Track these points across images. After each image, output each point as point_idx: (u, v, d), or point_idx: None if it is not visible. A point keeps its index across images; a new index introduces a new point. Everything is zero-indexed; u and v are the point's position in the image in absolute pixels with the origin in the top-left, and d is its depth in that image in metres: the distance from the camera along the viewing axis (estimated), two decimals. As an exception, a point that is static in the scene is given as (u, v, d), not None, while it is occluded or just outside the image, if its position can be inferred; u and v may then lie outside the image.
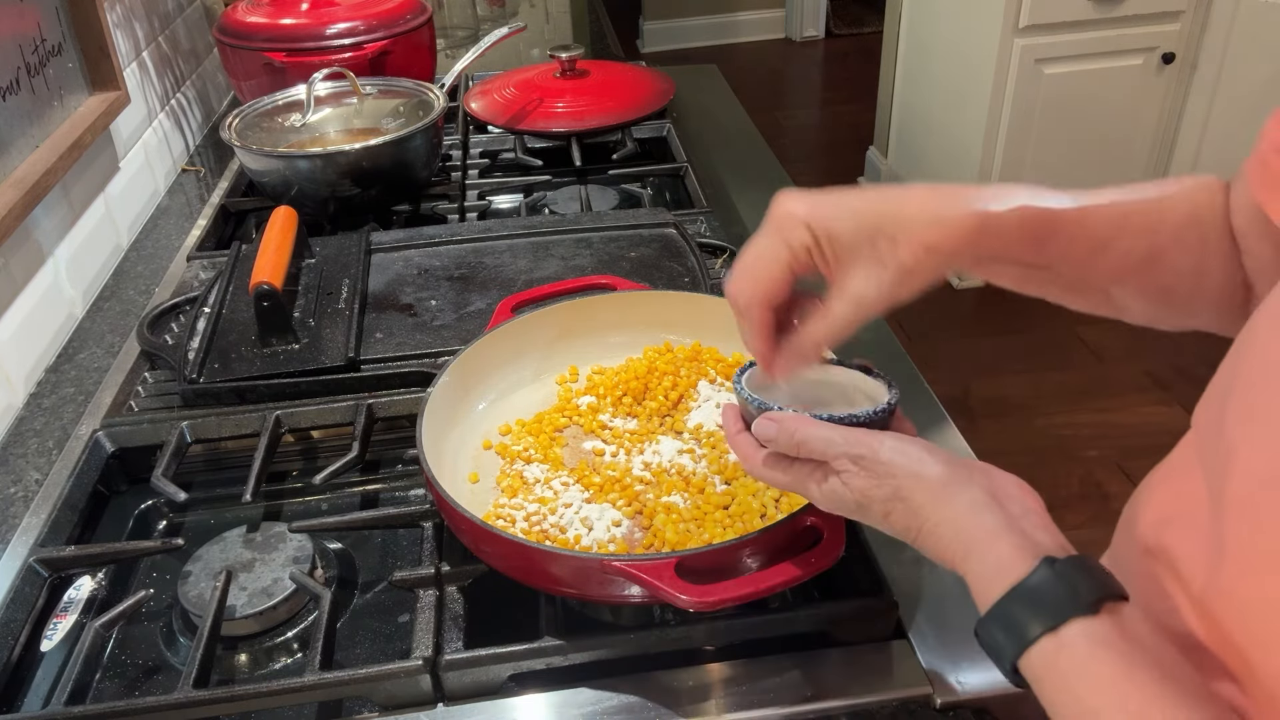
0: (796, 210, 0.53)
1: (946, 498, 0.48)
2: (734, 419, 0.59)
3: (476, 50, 1.34)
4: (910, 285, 0.51)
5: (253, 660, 0.69)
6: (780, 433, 0.53)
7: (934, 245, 0.50)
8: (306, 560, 0.72)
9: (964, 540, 0.47)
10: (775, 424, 0.54)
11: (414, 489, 0.83)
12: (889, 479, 0.50)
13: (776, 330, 0.56)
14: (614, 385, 0.81)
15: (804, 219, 0.53)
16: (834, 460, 0.52)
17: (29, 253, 0.99)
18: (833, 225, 0.52)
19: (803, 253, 0.53)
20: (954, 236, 0.50)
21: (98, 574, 0.75)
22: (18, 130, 0.97)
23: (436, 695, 0.63)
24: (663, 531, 0.67)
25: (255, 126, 1.21)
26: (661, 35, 4.63)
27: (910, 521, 0.50)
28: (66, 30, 1.08)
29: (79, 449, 0.83)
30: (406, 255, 1.07)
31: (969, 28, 2.57)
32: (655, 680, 0.63)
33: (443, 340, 0.92)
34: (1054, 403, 2.36)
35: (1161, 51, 2.46)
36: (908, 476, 0.49)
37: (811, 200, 0.53)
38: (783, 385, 0.59)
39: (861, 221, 0.51)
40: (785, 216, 0.54)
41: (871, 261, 0.51)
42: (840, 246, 0.52)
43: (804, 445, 0.53)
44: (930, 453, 0.50)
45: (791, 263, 0.53)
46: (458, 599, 0.68)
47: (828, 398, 0.60)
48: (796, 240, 0.53)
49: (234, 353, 0.90)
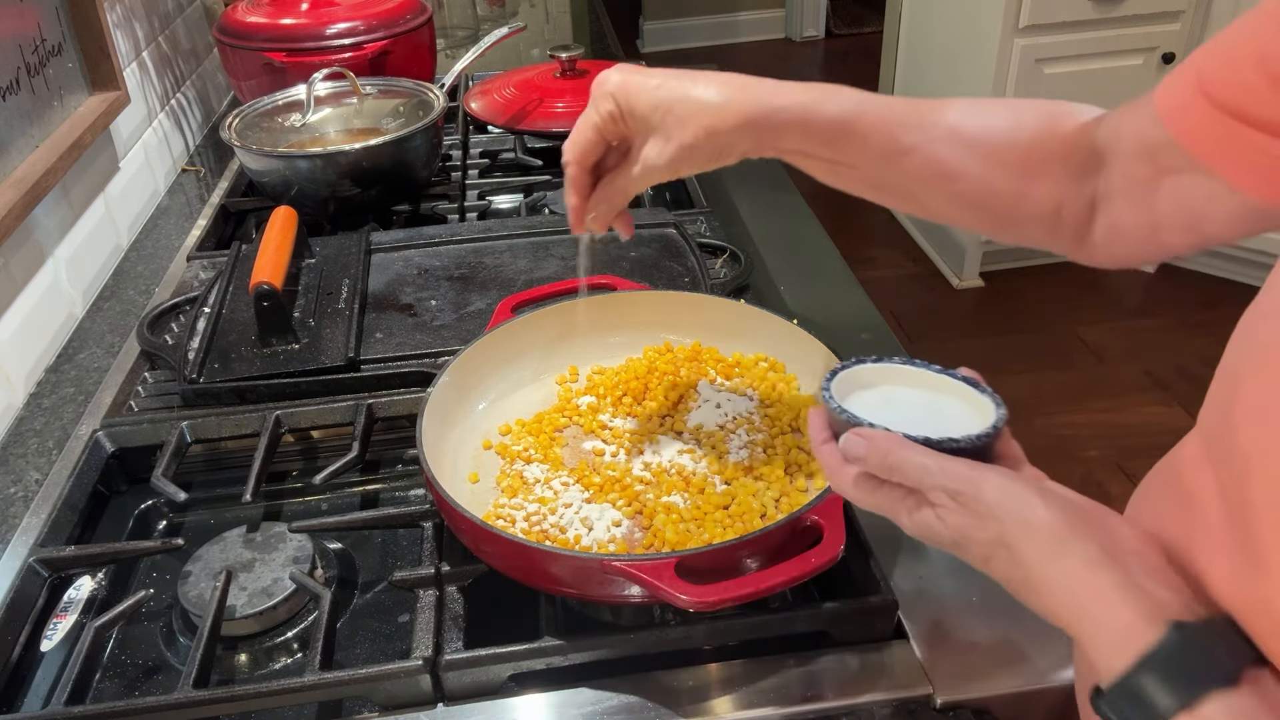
0: (610, 82, 0.61)
1: (1058, 553, 0.43)
2: (820, 426, 0.54)
3: (476, 50, 1.34)
4: (692, 160, 0.59)
5: (253, 660, 0.69)
6: (871, 452, 0.49)
7: (713, 128, 0.58)
8: (306, 560, 0.72)
9: (1079, 602, 0.42)
10: (866, 442, 0.50)
11: (414, 489, 0.83)
12: (992, 522, 0.46)
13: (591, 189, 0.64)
14: (614, 385, 0.81)
15: (611, 91, 0.60)
16: (930, 492, 0.48)
17: (29, 253, 0.99)
18: (633, 99, 0.59)
19: (609, 120, 0.61)
20: (731, 124, 0.57)
21: (98, 574, 0.75)
22: (18, 130, 0.97)
23: (436, 695, 0.63)
24: (663, 531, 0.67)
25: (255, 126, 1.21)
26: (661, 35, 4.63)
27: (1014, 572, 0.46)
28: (66, 30, 1.08)
29: (79, 449, 0.83)
30: (406, 255, 1.07)
31: (969, 28, 2.57)
32: (655, 680, 0.63)
33: (443, 340, 0.92)
34: (1054, 403, 2.36)
35: (1161, 51, 2.46)
36: (1014, 523, 0.45)
37: (624, 75, 0.61)
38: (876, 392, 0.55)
39: (657, 98, 0.59)
40: (599, 86, 0.61)
41: (661, 135, 0.59)
42: (636, 118, 0.60)
43: (897, 470, 0.49)
44: (1041, 495, 0.46)
45: (600, 126, 0.61)
46: (458, 599, 0.68)
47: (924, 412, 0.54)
48: (604, 109, 0.61)
49: (234, 353, 0.90)
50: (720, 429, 0.77)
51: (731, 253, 1.05)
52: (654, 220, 1.10)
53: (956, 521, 0.47)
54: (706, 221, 1.13)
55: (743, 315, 0.84)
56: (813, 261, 1.08)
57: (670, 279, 0.99)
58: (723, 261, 1.05)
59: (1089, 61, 2.46)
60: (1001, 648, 0.64)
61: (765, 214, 1.19)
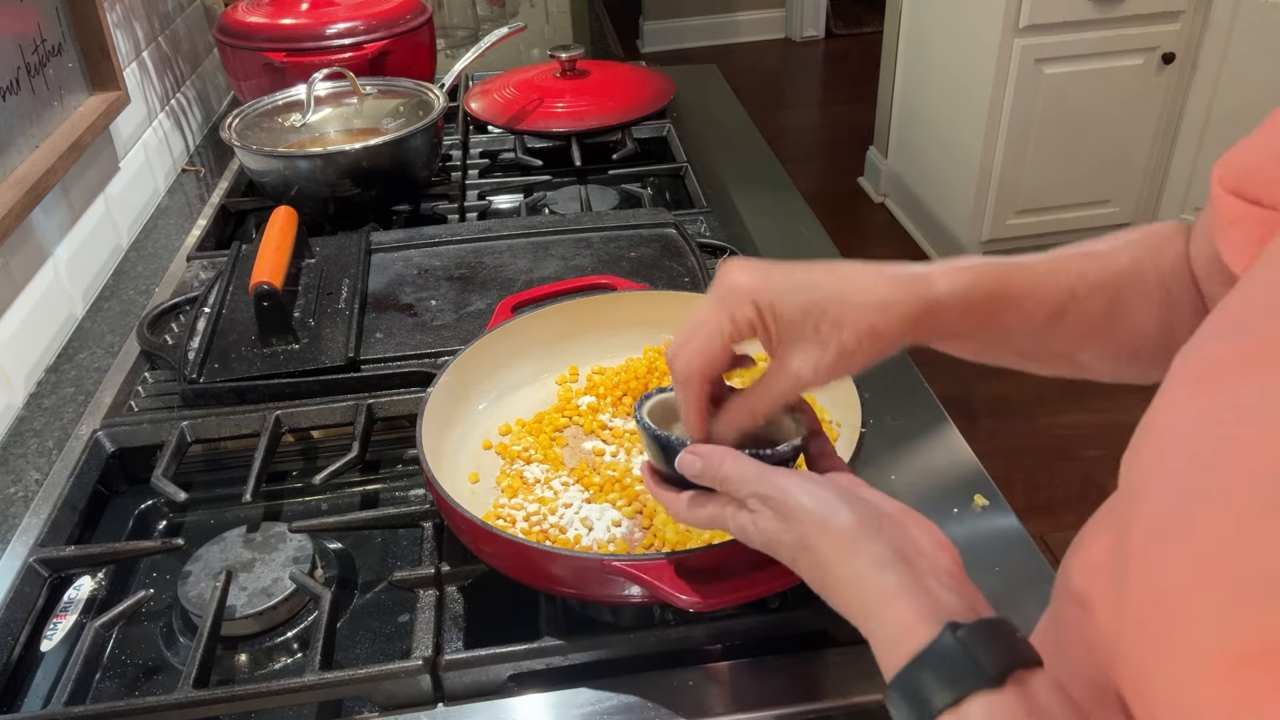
0: (742, 284, 0.52)
1: (850, 552, 0.46)
2: (650, 471, 0.58)
3: (476, 50, 1.34)
4: (850, 365, 0.52)
5: (253, 660, 0.69)
6: (706, 467, 0.53)
7: (876, 330, 0.51)
8: (306, 560, 0.72)
9: (864, 600, 0.45)
10: (700, 459, 0.53)
11: (414, 489, 0.83)
12: (796, 525, 0.48)
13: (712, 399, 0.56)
14: (614, 385, 0.81)
15: (749, 294, 0.52)
16: (747, 498, 0.51)
17: (29, 253, 0.99)
18: (777, 302, 0.51)
19: (745, 327, 0.52)
20: (897, 322, 0.51)
21: (98, 574, 0.75)
22: (18, 130, 0.97)
23: (436, 695, 0.63)
24: (663, 531, 0.67)
25: (255, 126, 1.21)
26: (661, 35, 4.63)
27: (815, 573, 0.48)
28: (66, 30, 1.08)
29: (79, 449, 0.83)
30: (406, 255, 1.07)
31: (969, 28, 2.57)
32: (655, 680, 0.63)
33: (443, 340, 0.92)
34: (1054, 403, 2.36)
35: (1161, 51, 2.46)
36: (814, 524, 0.47)
37: (758, 274, 0.52)
38: None
39: (807, 301, 0.51)
40: (731, 289, 0.52)
41: (813, 342, 0.51)
42: (784, 324, 0.52)
43: (728, 481, 0.52)
44: (844, 498, 0.48)
45: (734, 336, 0.53)
46: (458, 599, 0.68)
47: None
48: (741, 315, 0.52)
49: (234, 353, 0.90)
50: (720, 429, 0.77)
51: (731, 253, 1.05)
52: (654, 220, 1.10)
53: (767, 525, 0.50)
54: (706, 221, 1.13)
55: (743, 315, 0.84)
56: (813, 261, 1.08)
57: (670, 279, 0.99)
58: (722, 261, 1.05)
59: (1089, 61, 2.46)
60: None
61: (765, 214, 1.19)
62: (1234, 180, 0.43)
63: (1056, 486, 2.13)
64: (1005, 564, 0.70)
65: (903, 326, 0.51)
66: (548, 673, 0.64)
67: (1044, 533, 1.96)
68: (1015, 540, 0.72)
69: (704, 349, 0.53)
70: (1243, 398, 0.33)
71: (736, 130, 1.45)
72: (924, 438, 0.83)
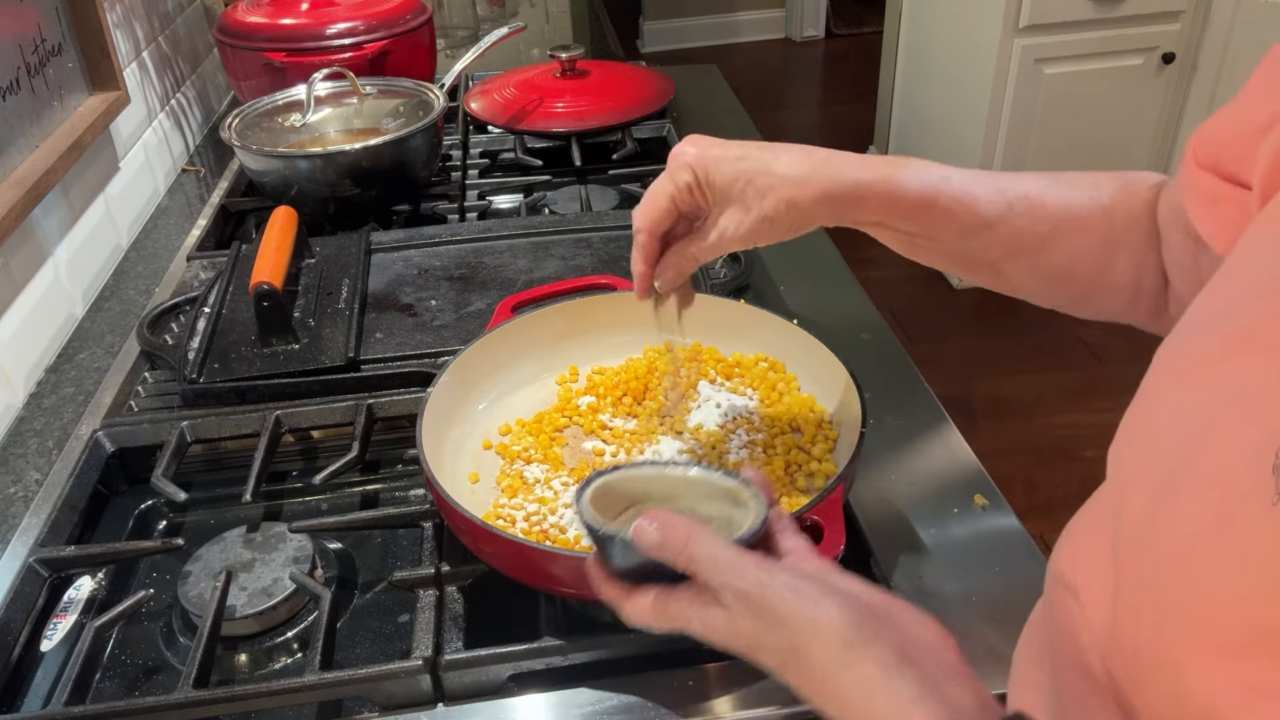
0: (686, 154, 0.61)
1: (849, 660, 0.42)
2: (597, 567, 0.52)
3: (476, 50, 1.34)
4: (771, 231, 0.59)
5: (253, 660, 0.69)
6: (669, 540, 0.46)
7: (794, 201, 0.58)
8: (306, 560, 0.72)
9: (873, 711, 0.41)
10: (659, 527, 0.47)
11: (414, 489, 0.83)
12: (781, 629, 0.44)
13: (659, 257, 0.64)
14: (614, 385, 0.81)
15: (690, 162, 0.60)
16: (720, 591, 0.45)
17: (29, 253, 0.99)
18: (711, 169, 0.59)
19: (685, 190, 0.60)
20: (812, 198, 0.57)
21: (98, 574, 0.75)
22: (18, 130, 0.97)
23: (436, 695, 0.63)
24: (663, 531, 0.67)
25: (255, 126, 1.21)
26: (661, 35, 4.63)
27: (809, 684, 0.44)
28: (66, 30, 1.08)
29: (79, 449, 0.83)
30: (406, 255, 1.07)
31: (969, 28, 2.57)
32: (655, 680, 0.63)
33: (443, 340, 0.92)
34: (1054, 403, 2.36)
35: (1161, 51, 2.46)
36: (804, 627, 0.43)
37: (700, 146, 0.61)
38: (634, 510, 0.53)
39: (737, 170, 0.59)
40: (675, 158, 0.61)
41: (739, 205, 0.59)
42: (716, 189, 0.60)
43: (696, 561, 0.46)
44: (829, 594, 0.44)
45: (675, 196, 0.61)
46: (458, 599, 0.68)
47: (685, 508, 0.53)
48: (681, 179, 0.60)
49: (234, 353, 0.90)
50: (720, 429, 0.77)
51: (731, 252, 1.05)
52: (654, 220, 1.10)
53: (746, 626, 0.45)
54: (706, 221, 1.13)
55: (743, 315, 0.84)
56: (813, 261, 1.08)
57: (670, 279, 0.99)
58: (723, 261, 1.05)
59: (1089, 61, 2.46)
60: (1001, 647, 0.64)
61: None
62: (1208, 154, 0.44)
63: (1056, 486, 2.13)
64: (1005, 564, 0.70)
65: (818, 200, 0.57)
66: (548, 673, 0.64)
67: (1044, 533, 1.95)
68: (1015, 540, 0.72)
69: (650, 206, 0.62)
70: (1221, 385, 0.34)
71: (736, 130, 1.45)
72: (924, 438, 0.83)
